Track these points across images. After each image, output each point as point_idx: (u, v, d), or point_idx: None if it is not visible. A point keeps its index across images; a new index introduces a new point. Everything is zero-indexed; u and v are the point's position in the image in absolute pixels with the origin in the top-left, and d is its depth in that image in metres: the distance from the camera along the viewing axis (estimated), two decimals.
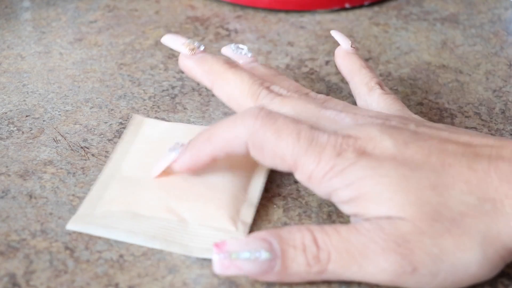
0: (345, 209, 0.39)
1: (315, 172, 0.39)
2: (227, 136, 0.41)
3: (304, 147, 0.39)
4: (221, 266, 0.38)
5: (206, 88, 0.53)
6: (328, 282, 0.39)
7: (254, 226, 0.43)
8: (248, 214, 0.43)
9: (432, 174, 0.38)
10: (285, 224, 0.43)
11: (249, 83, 0.45)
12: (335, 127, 0.41)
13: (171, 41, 0.48)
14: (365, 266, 0.37)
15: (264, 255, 0.38)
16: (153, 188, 0.43)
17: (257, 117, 0.40)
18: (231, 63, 0.46)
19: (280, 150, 0.39)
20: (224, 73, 0.45)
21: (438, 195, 0.38)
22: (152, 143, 0.47)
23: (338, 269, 0.38)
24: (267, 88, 0.45)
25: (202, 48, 0.47)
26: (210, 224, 0.42)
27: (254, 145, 0.40)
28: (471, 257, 0.37)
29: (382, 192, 0.38)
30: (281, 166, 0.40)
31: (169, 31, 0.59)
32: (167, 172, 0.44)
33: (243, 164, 0.45)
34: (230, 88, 0.45)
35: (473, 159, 0.39)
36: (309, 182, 0.39)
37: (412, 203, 0.37)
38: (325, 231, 0.38)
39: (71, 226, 0.42)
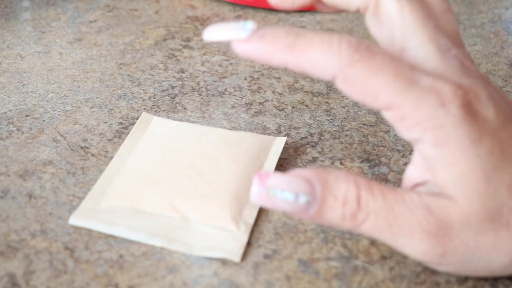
0: (418, 157, 0.37)
1: (411, 116, 0.35)
2: (316, 59, 0.36)
3: (404, 87, 0.35)
4: (257, 198, 0.36)
5: (206, 88, 0.53)
6: (328, 282, 0.40)
7: (254, 226, 0.43)
8: (250, 215, 0.43)
9: None
10: (285, 224, 0.43)
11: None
12: (441, 69, 0.37)
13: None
14: (397, 237, 0.36)
15: (303, 198, 0.36)
16: (157, 185, 0.43)
17: (357, 49, 0.36)
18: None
19: (374, 88, 0.35)
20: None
21: (510, 196, 0.36)
22: (158, 141, 0.47)
23: (370, 231, 0.37)
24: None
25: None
26: (212, 224, 0.42)
27: (346, 79, 0.36)
28: (505, 257, 0.37)
29: (465, 174, 0.36)
30: (370, 103, 0.36)
31: (169, 31, 0.59)
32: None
33: (248, 165, 0.45)
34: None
35: None
36: (398, 122, 0.36)
37: (483, 195, 0.36)
38: (372, 191, 0.36)
39: (74, 220, 0.42)
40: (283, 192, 0.36)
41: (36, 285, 0.39)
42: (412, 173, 0.38)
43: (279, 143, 0.48)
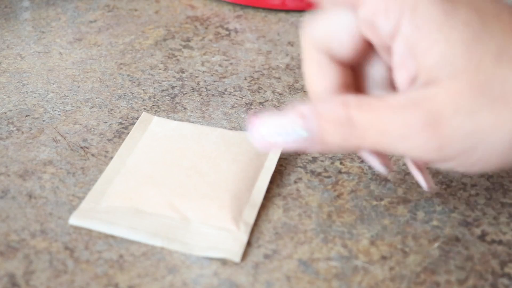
0: (400, 51, 0.36)
1: (385, 3, 0.35)
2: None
3: None
4: (259, 146, 0.37)
5: (206, 88, 0.53)
6: (328, 282, 0.40)
7: (254, 226, 0.43)
8: (250, 215, 0.43)
9: (501, 39, 0.35)
10: (285, 224, 0.43)
11: None
12: None
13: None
14: (395, 143, 0.36)
15: (299, 132, 0.36)
16: (157, 185, 0.43)
17: None
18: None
19: None
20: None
21: (497, 65, 0.34)
22: (158, 141, 0.47)
23: (372, 145, 0.36)
24: None
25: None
26: (212, 224, 0.42)
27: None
28: (506, 134, 0.35)
29: (445, 51, 0.35)
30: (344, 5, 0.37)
31: (169, 31, 0.59)
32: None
33: (248, 165, 0.45)
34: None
35: None
36: (375, 17, 0.36)
37: (467, 70, 0.34)
38: (361, 106, 0.36)
39: (74, 220, 0.42)
40: (275, 135, 0.36)
41: (36, 285, 0.39)
42: (399, 76, 0.37)
43: None
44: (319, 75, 0.40)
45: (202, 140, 0.47)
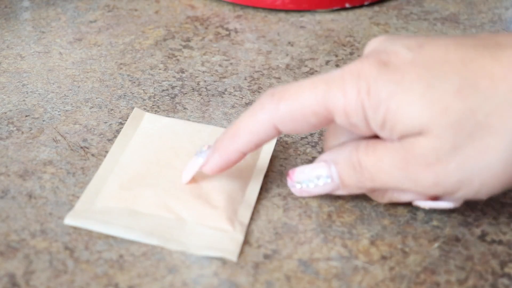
0: (383, 135, 0.39)
1: (347, 106, 0.38)
2: (252, 127, 0.41)
3: (325, 88, 0.39)
4: (296, 192, 0.43)
5: (206, 88, 0.53)
6: (328, 282, 0.40)
7: (254, 226, 0.43)
8: (245, 215, 0.43)
9: (454, 76, 0.37)
10: (285, 224, 0.43)
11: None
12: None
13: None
14: (400, 183, 0.39)
15: (325, 179, 0.41)
16: (151, 185, 0.43)
17: (272, 94, 0.40)
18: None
19: (307, 107, 0.39)
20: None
21: (462, 100, 0.37)
22: (151, 138, 0.47)
23: (382, 185, 0.40)
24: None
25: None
26: (207, 224, 0.42)
27: (283, 121, 0.40)
28: (494, 157, 0.37)
29: (408, 111, 0.37)
30: (319, 122, 0.40)
31: (169, 31, 0.59)
32: (195, 178, 0.44)
33: (241, 165, 0.45)
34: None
35: (495, 49, 0.37)
36: (347, 119, 0.39)
37: (437, 116, 0.37)
38: (367, 150, 0.40)
39: (69, 220, 0.42)
40: (307, 182, 0.42)
41: (36, 285, 0.39)
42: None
43: (271, 141, 0.48)
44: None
45: (194, 138, 0.47)
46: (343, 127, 0.41)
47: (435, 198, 0.41)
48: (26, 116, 0.50)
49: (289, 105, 0.40)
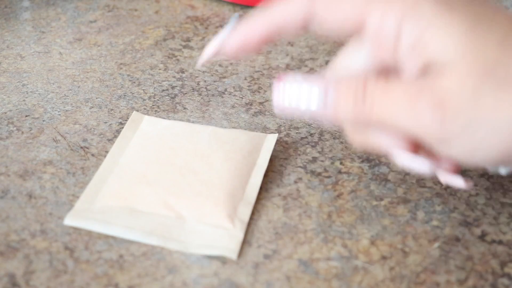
0: (407, 60, 0.38)
1: (387, 11, 0.37)
2: (285, 7, 0.39)
3: None
4: (278, 108, 0.39)
5: (206, 88, 0.53)
6: (328, 282, 0.40)
7: (254, 226, 0.43)
8: (245, 212, 0.43)
9: (502, 27, 0.36)
10: (285, 224, 0.43)
11: None
12: None
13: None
14: (401, 119, 0.37)
15: (316, 100, 0.38)
16: (151, 184, 0.43)
17: None
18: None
19: (344, 7, 0.38)
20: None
21: (502, 51, 0.36)
22: (150, 139, 0.47)
23: (379, 119, 0.38)
24: None
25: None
26: (207, 221, 0.42)
27: (318, 10, 0.39)
28: (509, 115, 0.35)
29: (447, 39, 0.36)
30: (348, 26, 0.38)
31: (169, 31, 0.59)
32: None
33: (241, 163, 0.45)
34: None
35: None
36: (380, 29, 0.37)
37: (472, 58, 0.36)
38: (377, 80, 0.38)
39: (69, 221, 0.42)
40: (300, 87, 0.38)
41: (36, 285, 0.39)
42: (409, 69, 0.39)
43: (271, 139, 0.48)
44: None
45: (194, 138, 0.47)
46: (363, 47, 0.39)
47: (415, 151, 0.40)
48: (26, 116, 0.50)
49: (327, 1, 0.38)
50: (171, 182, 0.44)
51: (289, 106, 0.39)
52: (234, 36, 0.40)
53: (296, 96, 0.38)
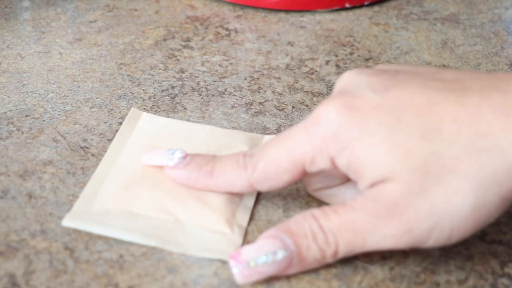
0: (351, 176, 0.39)
1: (314, 153, 0.39)
2: (230, 178, 0.42)
3: (290, 143, 0.40)
4: (242, 277, 0.39)
5: (206, 88, 0.53)
6: (328, 282, 0.39)
7: (254, 226, 0.43)
8: (243, 218, 0.43)
9: (418, 120, 0.37)
10: None
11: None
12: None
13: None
14: (367, 238, 0.38)
15: (280, 253, 0.38)
16: (149, 187, 0.43)
17: (251, 156, 0.41)
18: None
19: (279, 166, 0.40)
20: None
21: (427, 144, 0.37)
22: (148, 138, 0.47)
23: (347, 248, 0.38)
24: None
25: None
26: (206, 226, 0.42)
27: (258, 179, 0.41)
28: (462, 201, 0.36)
29: (372, 155, 0.37)
30: (292, 177, 0.40)
31: (169, 31, 0.59)
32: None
33: None
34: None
35: (461, 94, 0.37)
36: (316, 166, 0.39)
37: (402, 160, 0.37)
38: (327, 215, 0.39)
39: (67, 222, 0.42)
40: (259, 259, 0.38)
41: (36, 285, 0.39)
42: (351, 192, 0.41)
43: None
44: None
45: (192, 139, 0.47)
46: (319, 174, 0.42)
47: None
48: (26, 116, 0.50)
49: (264, 172, 0.40)
50: (168, 185, 0.43)
51: (256, 270, 0.39)
52: (178, 176, 0.43)
53: (258, 255, 0.39)
